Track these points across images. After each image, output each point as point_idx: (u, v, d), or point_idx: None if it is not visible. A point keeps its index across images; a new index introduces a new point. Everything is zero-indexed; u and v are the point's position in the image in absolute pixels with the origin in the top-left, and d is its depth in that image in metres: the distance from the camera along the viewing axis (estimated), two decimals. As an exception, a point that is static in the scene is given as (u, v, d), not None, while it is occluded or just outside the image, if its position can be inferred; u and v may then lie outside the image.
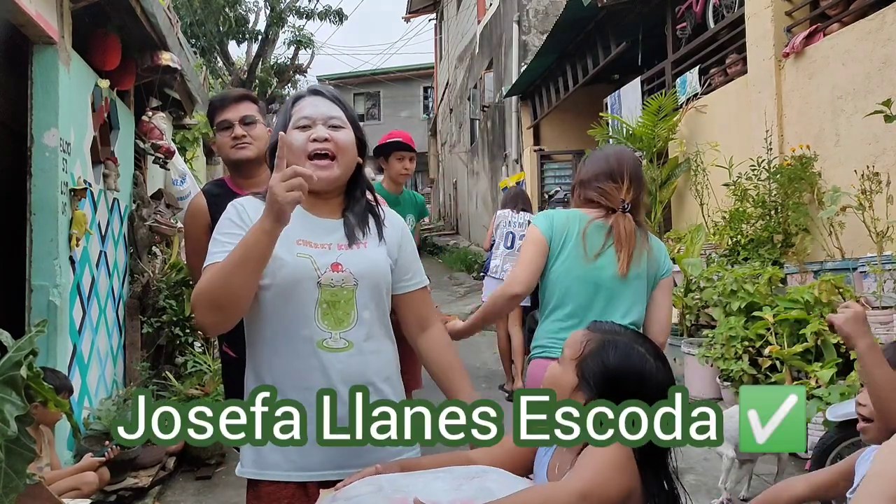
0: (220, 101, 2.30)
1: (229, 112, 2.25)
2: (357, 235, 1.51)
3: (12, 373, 1.39)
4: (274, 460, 1.41)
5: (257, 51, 16.15)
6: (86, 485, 3.02)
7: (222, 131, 2.25)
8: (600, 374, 1.27)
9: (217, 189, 2.28)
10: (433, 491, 1.04)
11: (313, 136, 1.46)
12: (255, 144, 2.22)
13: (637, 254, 2.09)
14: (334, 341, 1.44)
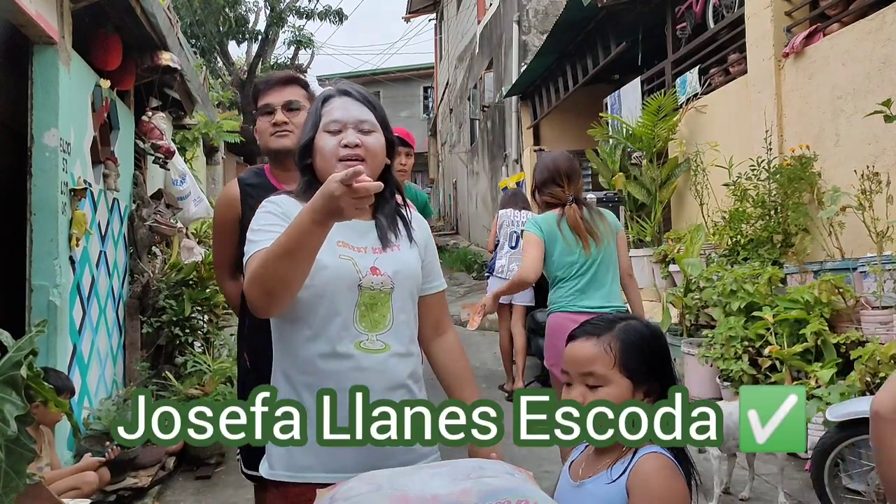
0: (264, 84, 2.10)
1: (272, 95, 2.05)
2: (390, 238, 1.51)
3: (12, 373, 1.39)
4: (307, 463, 1.39)
5: (257, 51, 16.15)
6: (86, 484, 3.02)
7: (263, 116, 2.06)
8: (645, 359, 1.27)
9: (255, 178, 2.10)
10: (432, 487, 1.04)
11: (344, 142, 1.44)
12: (297, 133, 1.96)
13: (599, 227, 2.94)
14: (371, 343, 1.44)
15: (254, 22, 16.01)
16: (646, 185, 6.62)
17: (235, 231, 2.01)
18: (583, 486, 1.28)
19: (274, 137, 2.02)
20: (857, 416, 2.68)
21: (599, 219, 2.97)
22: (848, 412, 2.73)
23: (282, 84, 2.07)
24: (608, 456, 1.26)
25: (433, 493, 1.01)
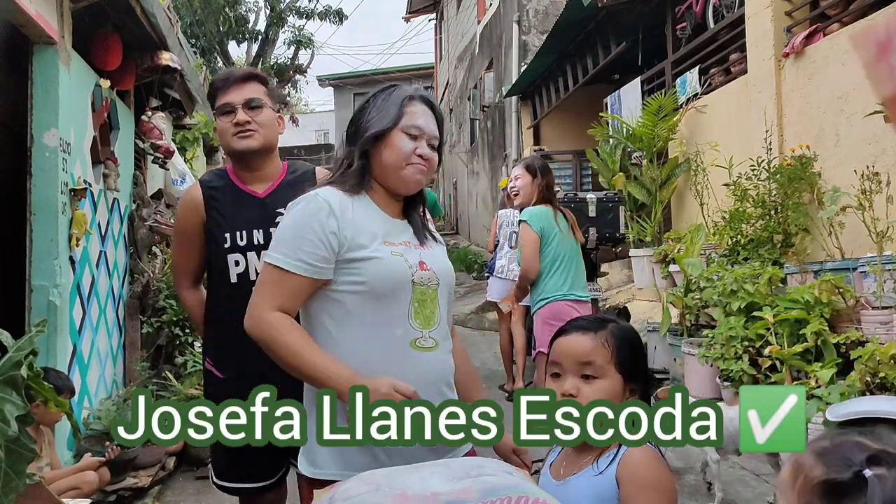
0: (222, 82, 1.99)
1: (232, 94, 1.94)
2: (423, 236, 1.55)
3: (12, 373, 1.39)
4: (362, 461, 1.37)
5: (257, 51, 16.16)
6: (86, 484, 3.02)
7: (223, 115, 1.94)
8: (634, 357, 1.33)
9: (217, 181, 2.00)
10: (431, 484, 1.04)
11: (419, 152, 1.48)
12: (261, 132, 1.92)
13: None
14: (425, 341, 1.44)
15: (254, 22, 16.03)
16: (646, 185, 6.62)
17: (199, 236, 1.94)
18: (567, 483, 1.28)
19: (236, 138, 1.91)
20: (857, 416, 2.68)
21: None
22: (848, 412, 2.73)
23: (241, 81, 1.96)
24: (590, 452, 1.28)
25: (433, 492, 1.01)
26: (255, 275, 1.83)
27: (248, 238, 1.86)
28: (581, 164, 10.13)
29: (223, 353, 1.90)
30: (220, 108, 1.95)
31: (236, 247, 1.86)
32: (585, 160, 8.75)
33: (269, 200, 1.91)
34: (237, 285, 1.85)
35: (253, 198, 1.93)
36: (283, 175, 1.98)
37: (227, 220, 1.89)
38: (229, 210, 1.90)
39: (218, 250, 1.88)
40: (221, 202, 1.90)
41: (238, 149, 1.92)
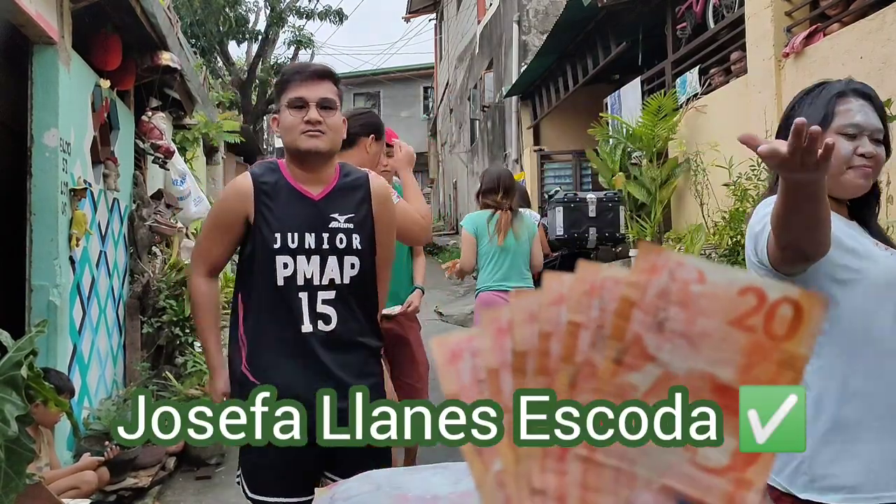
0: (296, 74, 1.84)
1: (306, 89, 1.80)
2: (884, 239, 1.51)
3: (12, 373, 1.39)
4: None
5: (257, 51, 16.17)
6: (85, 483, 3.02)
7: (293, 110, 1.80)
8: None
9: (269, 175, 1.85)
10: (432, 485, 1.04)
11: (860, 151, 1.37)
12: (329, 135, 1.80)
13: (516, 229, 3.84)
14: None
15: (254, 22, 16.05)
16: (646, 185, 6.62)
17: (237, 227, 1.83)
18: None
19: (305, 136, 1.79)
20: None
21: (520, 223, 3.94)
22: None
23: (317, 78, 1.82)
24: None
25: (433, 494, 1.01)
26: (302, 279, 1.75)
27: (299, 240, 1.76)
28: (581, 164, 10.13)
29: (262, 360, 1.78)
30: (292, 101, 1.81)
31: (286, 248, 1.76)
32: (585, 160, 8.75)
33: (323, 204, 1.82)
34: (282, 289, 1.75)
35: (307, 199, 1.82)
36: (337, 178, 1.88)
37: (278, 219, 1.78)
38: (281, 209, 1.79)
39: (265, 250, 1.76)
40: (274, 199, 1.80)
41: (304, 148, 1.80)
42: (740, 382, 0.37)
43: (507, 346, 0.39)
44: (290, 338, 1.74)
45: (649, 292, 0.37)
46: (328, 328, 1.75)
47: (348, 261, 1.78)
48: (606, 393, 0.38)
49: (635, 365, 0.37)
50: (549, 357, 0.38)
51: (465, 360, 0.41)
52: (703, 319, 0.36)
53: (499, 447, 0.40)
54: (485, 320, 0.40)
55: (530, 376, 0.39)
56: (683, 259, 0.36)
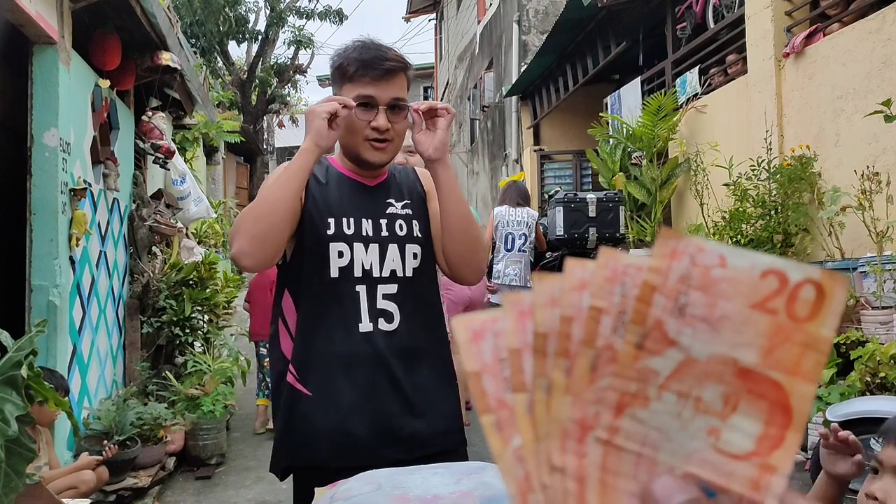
0: (368, 69, 1.52)
1: (377, 87, 1.52)
2: None
3: (12, 373, 1.39)
4: None
5: (257, 51, 16.17)
6: (83, 483, 3.02)
7: (358, 108, 1.52)
8: None
9: (319, 165, 1.63)
10: (433, 486, 1.04)
11: None
12: (395, 143, 1.59)
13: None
14: None
15: (254, 22, 16.05)
16: (646, 185, 6.62)
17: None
18: None
19: (369, 145, 1.55)
20: (857, 416, 2.68)
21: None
22: (848, 412, 2.73)
23: (391, 73, 1.54)
24: None
25: (434, 494, 1.01)
26: (360, 270, 1.52)
27: (355, 226, 1.55)
28: (581, 164, 10.13)
29: (314, 366, 1.52)
30: (359, 98, 1.53)
31: (341, 235, 1.53)
32: (585, 160, 8.75)
33: (378, 190, 1.63)
34: (337, 281, 1.51)
35: (361, 184, 1.62)
36: (388, 171, 1.70)
37: (331, 204, 1.56)
38: (334, 193, 1.58)
39: (317, 236, 1.52)
40: (325, 185, 1.60)
41: (367, 159, 1.57)
42: (763, 365, 0.37)
43: (529, 327, 0.40)
44: (347, 338, 1.49)
45: (671, 277, 0.37)
46: (390, 327, 1.51)
47: (410, 250, 1.57)
48: (627, 377, 0.38)
49: (656, 350, 0.38)
50: (570, 340, 0.39)
51: (487, 339, 0.42)
52: (725, 303, 0.37)
53: (519, 424, 0.40)
54: (507, 303, 0.42)
55: (551, 357, 0.40)
56: (704, 244, 0.37)
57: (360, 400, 1.46)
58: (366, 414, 1.46)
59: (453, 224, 1.56)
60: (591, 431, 0.38)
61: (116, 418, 3.64)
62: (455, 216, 1.56)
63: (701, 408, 0.37)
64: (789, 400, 0.36)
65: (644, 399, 0.37)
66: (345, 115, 1.46)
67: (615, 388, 0.37)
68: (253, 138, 14.84)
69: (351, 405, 1.46)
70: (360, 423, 1.45)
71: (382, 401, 1.47)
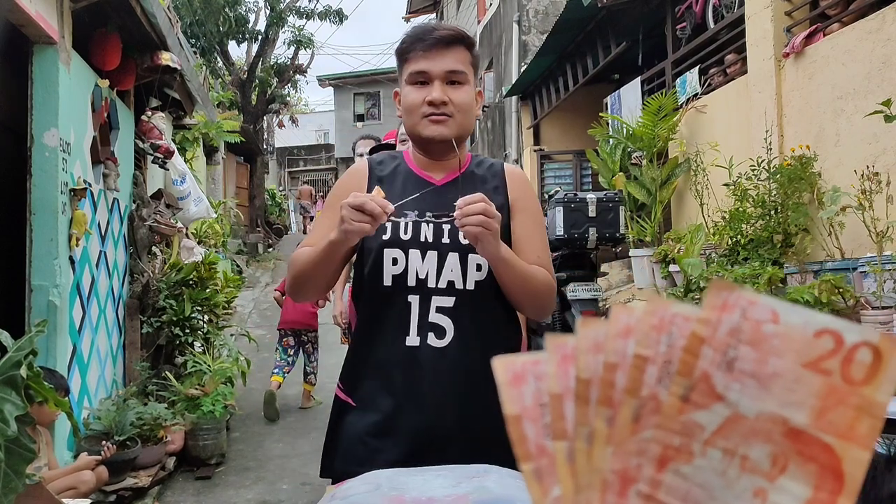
0: (418, 41, 1.48)
1: (430, 60, 1.46)
2: None
3: (12, 373, 1.39)
4: None
5: (257, 51, 16.17)
6: (83, 483, 3.02)
7: (415, 86, 1.48)
8: None
9: (389, 160, 1.59)
10: (431, 488, 1.04)
11: None
12: (458, 118, 1.48)
13: None
14: None
15: (254, 22, 16.04)
16: (646, 185, 6.62)
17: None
18: None
19: (427, 121, 1.47)
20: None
21: None
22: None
23: (445, 45, 1.47)
24: None
25: (429, 496, 1.01)
26: (413, 279, 1.41)
27: (413, 231, 1.44)
28: (581, 164, 10.13)
29: (359, 377, 1.46)
30: (412, 76, 1.48)
31: (397, 240, 1.44)
32: (585, 160, 8.76)
33: (447, 190, 1.49)
34: (391, 291, 1.42)
35: (427, 184, 1.51)
36: (468, 165, 1.58)
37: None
38: (396, 194, 1.47)
39: (373, 241, 1.44)
40: (389, 184, 1.50)
41: (426, 135, 1.49)
42: (815, 427, 0.36)
43: (572, 373, 0.39)
44: (392, 351, 1.41)
45: (720, 330, 0.36)
46: (440, 343, 1.39)
47: (473, 261, 1.42)
48: (671, 430, 0.37)
49: (703, 403, 0.36)
50: (613, 388, 0.38)
51: (528, 382, 0.41)
52: (776, 360, 0.36)
53: (559, 473, 0.38)
54: (550, 346, 0.41)
55: (593, 405, 0.38)
56: (757, 298, 0.36)
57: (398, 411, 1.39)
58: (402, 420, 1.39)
59: (517, 297, 1.46)
60: (633, 485, 0.36)
61: (116, 418, 3.64)
62: (519, 294, 1.45)
63: (747, 467, 0.36)
64: (841, 465, 0.35)
65: (688, 454, 0.36)
66: (381, 221, 1.30)
67: (658, 441, 0.36)
68: (253, 138, 14.84)
69: (389, 411, 1.41)
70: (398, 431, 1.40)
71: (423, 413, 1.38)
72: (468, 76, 1.50)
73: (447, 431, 1.37)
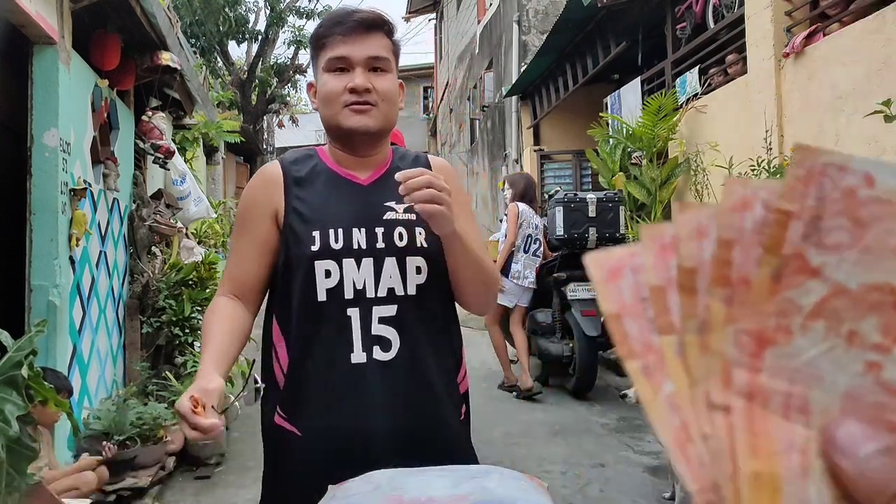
0: (335, 25, 1.37)
1: (350, 45, 1.34)
2: None
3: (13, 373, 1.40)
4: None
5: (257, 51, 16.18)
6: (84, 484, 3.02)
7: (332, 73, 1.35)
8: None
9: (305, 162, 1.43)
10: (431, 488, 1.03)
11: None
12: (382, 108, 1.36)
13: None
14: None
15: (254, 22, 16.06)
16: (646, 185, 6.63)
17: (262, 230, 1.38)
18: None
19: (349, 111, 1.34)
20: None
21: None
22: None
23: (365, 29, 1.35)
24: None
25: (428, 496, 1.00)
26: (351, 291, 1.30)
27: (345, 239, 1.32)
28: (581, 164, 10.14)
29: (303, 402, 1.32)
30: (331, 63, 1.35)
31: (328, 250, 1.31)
32: (585, 160, 8.76)
33: (374, 190, 1.38)
34: (325, 305, 1.30)
35: (353, 185, 1.39)
36: (390, 162, 1.45)
37: (315, 212, 1.34)
38: (320, 199, 1.36)
39: (301, 254, 1.32)
40: (309, 188, 1.37)
41: (348, 126, 1.35)
42: None
43: (672, 262, 0.37)
44: (336, 371, 1.29)
45: (807, 202, 0.34)
46: (387, 356, 1.30)
47: (412, 263, 1.33)
48: (765, 311, 0.35)
49: (797, 281, 0.34)
50: (730, 266, 0.35)
51: (625, 277, 0.38)
52: (876, 226, 0.33)
53: (669, 368, 0.36)
54: (645, 236, 0.38)
55: (702, 293, 0.36)
56: (847, 161, 0.34)
57: (343, 423, 1.29)
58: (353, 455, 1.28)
59: (469, 286, 1.38)
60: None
61: (116, 418, 3.65)
62: (471, 281, 1.37)
63: (856, 341, 0.33)
64: None
65: (787, 334, 0.34)
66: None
67: (756, 321, 0.34)
68: (253, 138, 14.85)
69: (331, 429, 1.31)
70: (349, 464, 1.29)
71: (367, 421, 1.29)
72: (391, 63, 1.39)
73: (414, 441, 1.29)
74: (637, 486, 3.40)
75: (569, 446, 4.11)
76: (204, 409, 1.12)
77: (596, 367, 5.23)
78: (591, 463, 3.80)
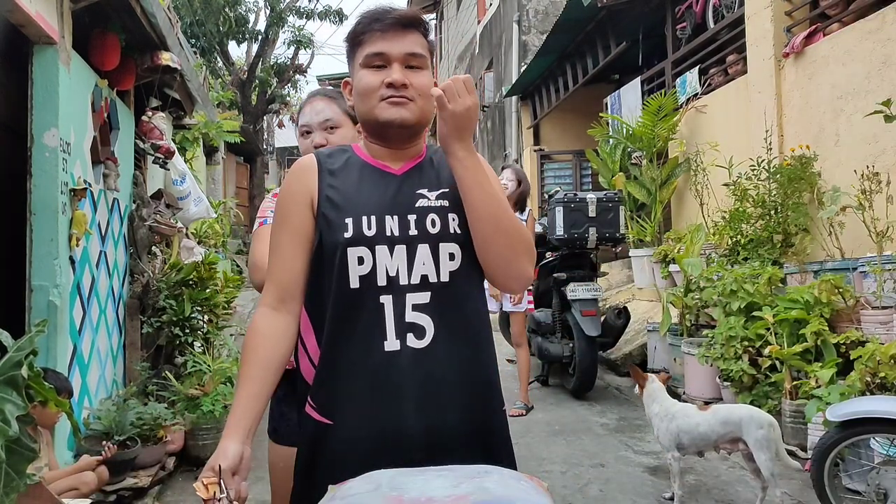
0: (375, 22, 1.37)
1: (388, 42, 1.36)
2: None
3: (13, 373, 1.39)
4: None
5: (257, 51, 16.17)
6: (84, 484, 3.02)
7: (370, 70, 1.36)
8: None
9: (340, 154, 1.44)
10: (431, 488, 1.03)
11: None
12: (418, 102, 1.36)
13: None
14: None
15: (254, 22, 16.05)
16: (646, 185, 6.63)
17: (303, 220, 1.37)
18: None
19: (386, 104, 1.34)
20: (856, 416, 2.68)
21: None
22: (848, 412, 2.73)
23: (402, 27, 1.37)
24: None
25: (428, 496, 1.00)
26: (384, 278, 1.29)
27: (377, 226, 1.31)
28: (581, 164, 10.14)
29: (336, 391, 1.31)
30: (368, 59, 1.36)
31: (361, 237, 1.30)
32: (585, 160, 8.76)
33: (407, 179, 1.38)
34: (358, 292, 1.29)
35: (386, 174, 1.39)
36: (424, 154, 1.45)
37: (348, 199, 1.34)
38: (353, 187, 1.36)
39: (333, 241, 1.31)
40: (342, 177, 1.38)
41: (384, 119, 1.35)
42: None
43: None
44: (370, 360, 1.27)
45: None
46: (421, 343, 1.28)
47: (445, 250, 1.31)
48: None
49: None
50: None
51: None
52: None
53: None
54: None
55: None
56: None
57: (375, 419, 1.27)
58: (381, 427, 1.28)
59: (482, 225, 1.31)
60: None
61: (116, 418, 3.64)
62: (484, 215, 1.31)
63: None
64: None
65: None
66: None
67: None
68: (253, 138, 14.84)
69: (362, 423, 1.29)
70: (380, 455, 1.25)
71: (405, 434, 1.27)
72: (427, 61, 1.39)
73: (450, 432, 1.28)
74: (637, 486, 3.40)
75: (569, 446, 4.11)
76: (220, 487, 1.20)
77: (596, 367, 5.22)
78: (590, 463, 3.80)
